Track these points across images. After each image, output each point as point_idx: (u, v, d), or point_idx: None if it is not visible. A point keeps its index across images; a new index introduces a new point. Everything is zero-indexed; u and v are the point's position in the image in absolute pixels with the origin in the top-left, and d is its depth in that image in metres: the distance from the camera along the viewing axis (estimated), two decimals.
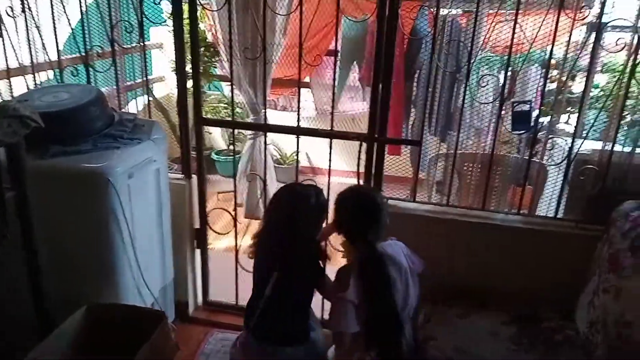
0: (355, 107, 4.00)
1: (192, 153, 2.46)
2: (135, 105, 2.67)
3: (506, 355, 1.88)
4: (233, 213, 2.50)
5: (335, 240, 2.00)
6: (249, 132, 2.92)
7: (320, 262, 1.91)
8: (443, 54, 2.57)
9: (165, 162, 2.28)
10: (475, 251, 2.20)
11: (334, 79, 2.24)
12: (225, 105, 4.58)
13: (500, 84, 2.85)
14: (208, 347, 2.45)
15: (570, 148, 2.06)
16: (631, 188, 2.09)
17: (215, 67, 4.58)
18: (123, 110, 2.57)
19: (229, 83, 4.79)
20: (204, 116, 2.37)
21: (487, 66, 3.34)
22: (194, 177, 2.47)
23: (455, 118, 3.15)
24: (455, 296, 2.19)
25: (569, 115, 3.49)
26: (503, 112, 2.48)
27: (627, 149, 2.09)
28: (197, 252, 2.61)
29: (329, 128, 2.24)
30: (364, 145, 2.19)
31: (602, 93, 3.15)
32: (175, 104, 4.15)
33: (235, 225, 2.51)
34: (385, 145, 2.19)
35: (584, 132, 2.18)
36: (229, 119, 4.07)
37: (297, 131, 2.27)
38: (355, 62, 3.54)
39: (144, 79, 2.47)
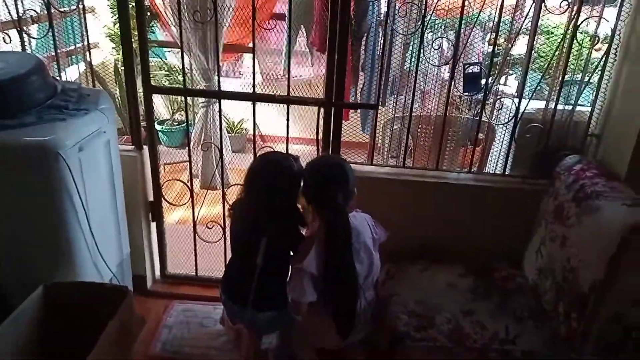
0: (303, 72, 3.96)
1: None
2: (78, 73, 2.51)
3: (464, 304, 1.99)
4: (188, 184, 2.45)
5: None
6: (202, 99, 2.82)
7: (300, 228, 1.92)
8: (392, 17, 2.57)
9: (115, 134, 2.18)
10: (430, 210, 2.29)
11: (289, 43, 2.20)
12: (167, 73, 4.39)
13: (446, 47, 2.94)
14: (170, 319, 2.42)
15: (517, 107, 2.17)
16: (571, 144, 2.24)
17: (153, 32, 4.37)
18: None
19: (170, 49, 4.64)
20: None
21: (430, 30, 3.41)
22: (145, 148, 2.38)
23: (403, 82, 3.22)
24: (414, 253, 2.29)
25: (506, 77, 3.66)
26: (448, 74, 2.57)
27: (568, 107, 2.22)
28: (153, 225, 2.54)
29: (283, 94, 2.21)
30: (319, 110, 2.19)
31: (537, 55, 3.31)
32: (113, 72, 3.99)
33: (192, 197, 2.46)
34: (342, 110, 2.20)
35: (527, 92, 2.30)
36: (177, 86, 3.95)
37: (253, 97, 2.23)
38: (302, 27, 3.48)
39: (86, 44, 2.31)
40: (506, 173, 2.33)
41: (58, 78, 2.21)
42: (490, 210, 2.26)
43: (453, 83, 2.14)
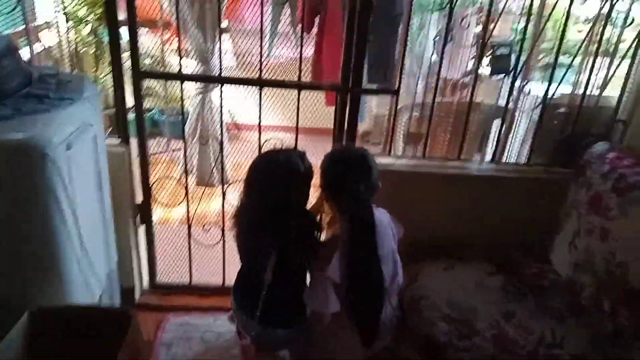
0: (286, 54, 3.69)
1: None
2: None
3: (501, 306, 1.86)
4: (183, 181, 2.18)
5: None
6: (197, 86, 2.51)
7: (316, 233, 1.70)
8: None
9: (102, 126, 1.88)
10: (451, 203, 2.15)
11: (303, 24, 1.96)
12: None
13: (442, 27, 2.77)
14: (167, 335, 2.15)
15: (546, 93, 2.05)
16: (596, 130, 2.15)
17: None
18: None
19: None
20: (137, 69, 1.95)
21: (419, 10, 3.26)
22: (132, 143, 2.09)
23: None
24: (435, 251, 2.14)
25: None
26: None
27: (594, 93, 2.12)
28: (140, 229, 2.25)
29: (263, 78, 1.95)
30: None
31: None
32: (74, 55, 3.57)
33: (187, 195, 2.19)
34: (360, 96, 2.00)
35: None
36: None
37: (260, 82, 1.98)
38: (287, 4, 3.22)
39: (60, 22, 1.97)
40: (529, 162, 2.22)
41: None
42: (513, 201, 2.15)
43: (479, 65, 1.98)
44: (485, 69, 2.16)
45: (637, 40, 1.99)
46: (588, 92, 2.09)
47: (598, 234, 1.84)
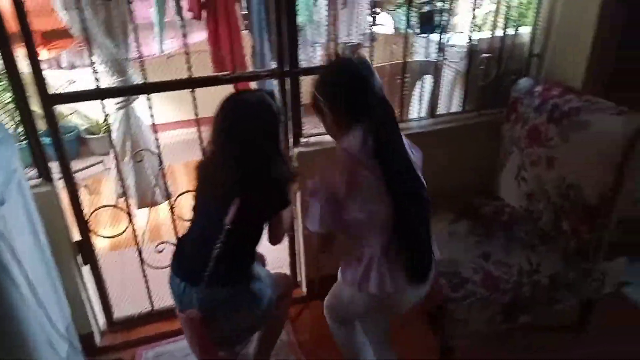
0: (174, 45, 3.43)
1: None
2: None
3: (476, 249, 1.95)
4: (123, 207, 1.95)
5: None
6: (116, 100, 2.20)
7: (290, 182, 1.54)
8: None
9: (22, 168, 1.61)
10: None
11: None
12: None
13: None
14: None
15: (470, 41, 2.12)
16: (515, 67, 2.28)
17: None
18: None
19: None
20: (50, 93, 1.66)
21: None
22: (54, 177, 1.82)
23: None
24: None
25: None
26: None
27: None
28: (85, 269, 2.00)
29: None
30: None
31: None
32: None
33: (130, 220, 1.97)
34: (299, 78, 1.91)
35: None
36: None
37: (191, 83, 1.80)
38: None
39: None
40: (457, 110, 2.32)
41: None
42: (456, 149, 2.23)
43: (409, 26, 1.99)
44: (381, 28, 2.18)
45: None
46: (504, 33, 2.21)
47: (544, 163, 1.99)
